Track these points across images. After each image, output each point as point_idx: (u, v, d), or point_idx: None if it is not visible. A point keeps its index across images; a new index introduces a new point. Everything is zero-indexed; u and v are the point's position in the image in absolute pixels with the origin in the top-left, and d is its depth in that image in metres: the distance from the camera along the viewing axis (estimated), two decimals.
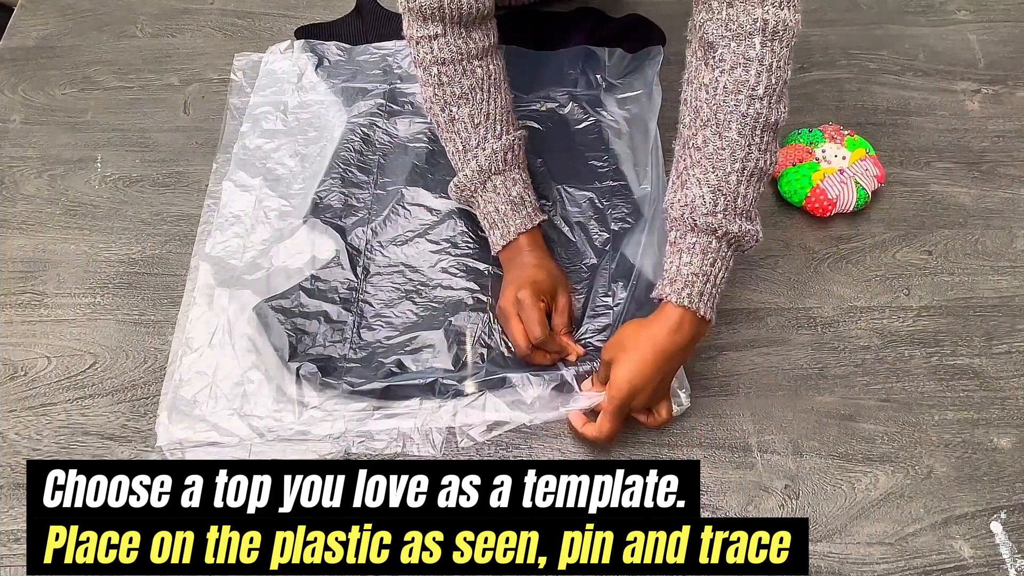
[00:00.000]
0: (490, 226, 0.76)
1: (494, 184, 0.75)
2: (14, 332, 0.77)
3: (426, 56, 0.74)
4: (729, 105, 0.64)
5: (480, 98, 0.75)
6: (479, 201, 0.77)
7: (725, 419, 0.72)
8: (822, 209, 0.84)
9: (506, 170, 0.76)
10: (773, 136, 0.66)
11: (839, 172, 0.84)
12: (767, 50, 0.64)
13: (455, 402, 0.72)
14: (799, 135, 0.89)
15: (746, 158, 0.64)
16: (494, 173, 0.75)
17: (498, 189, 0.75)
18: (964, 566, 0.66)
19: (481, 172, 0.75)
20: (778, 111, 0.65)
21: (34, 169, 0.89)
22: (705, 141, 0.66)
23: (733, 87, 0.64)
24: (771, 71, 0.64)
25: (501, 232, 0.76)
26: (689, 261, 0.65)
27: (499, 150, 0.75)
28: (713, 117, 0.65)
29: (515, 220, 0.75)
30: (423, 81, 0.76)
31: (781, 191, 0.86)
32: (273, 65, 0.98)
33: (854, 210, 0.85)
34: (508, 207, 0.75)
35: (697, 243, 0.66)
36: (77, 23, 1.04)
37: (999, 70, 1.00)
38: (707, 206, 0.65)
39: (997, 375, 0.76)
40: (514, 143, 0.77)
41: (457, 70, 0.74)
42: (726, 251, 0.66)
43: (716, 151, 0.65)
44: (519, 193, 0.76)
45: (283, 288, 0.78)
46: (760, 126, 0.64)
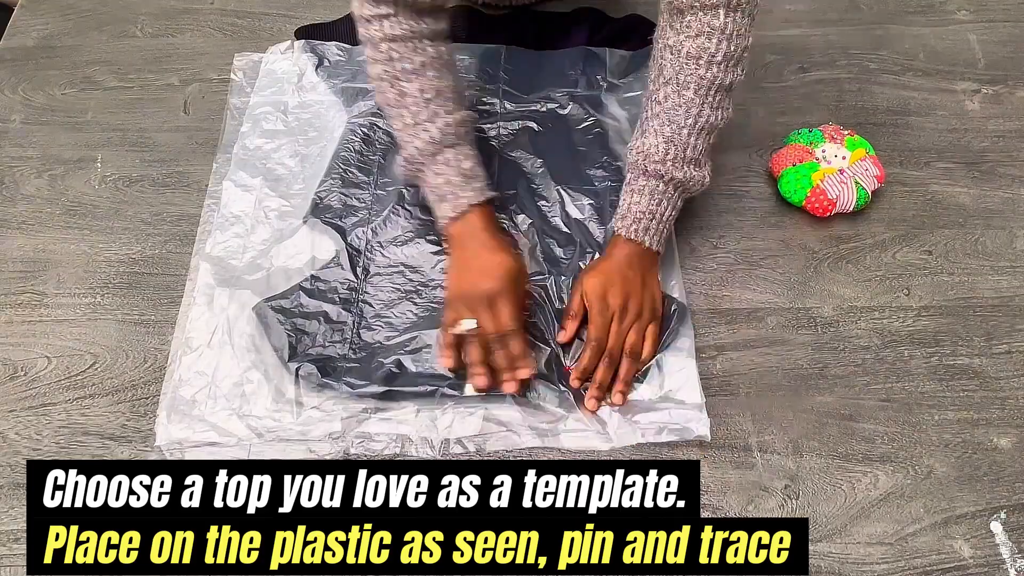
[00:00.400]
0: (439, 199, 0.75)
1: (446, 157, 0.75)
2: (14, 332, 0.77)
3: (376, 34, 0.74)
4: (689, 68, 0.72)
5: (431, 75, 0.75)
6: (427, 174, 0.75)
7: (725, 419, 0.72)
8: (822, 209, 0.84)
9: (458, 144, 0.76)
10: (727, 94, 0.74)
11: (839, 172, 0.84)
12: (730, 20, 0.70)
13: (453, 413, 0.71)
14: (799, 135, 0.89)
15: (699, 115, 0.73)
16: (446, 146, 0.75)
17: (450, 162, 0.75)
18: (964, 566, 0.66)
19: (432, 143, 0.74)
20: (734, 74, 0.73)
21: (34, 169, 0.89)
22: (666, 97, 0.73)
23: (695, 52, 0.71)
24: (731, 39, 0.71)
25: (451, 204, 0.74)
26: (639, 201, 0.75)
27: (452, 124, 0.75)
28: (675, 77, 0.73)
29: (467, 191, 0.74)
30: (371, 59, 0.75)
31: (781, 191, 0.86)
32: (273, 65, 0.98)
33: (854, 210, 0.85)
34: (460, 179, 0.75)
35: (647, 186, 0.75)
36: (77, 23, 1.04)
37: (999, 70, 1.00)
38: (659, 154, 0.73)
39: (997, 375, 0.76)
40: (466, 119, 0.77)
41: (408, 47, 0.74)
42: (672, 193, 0.75)
43: (674, 107, 0.73)
44: (471, 167, 0.76)
45: (283, 288, 0.78)
46: (715, 88, 0.72)
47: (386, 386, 0.72)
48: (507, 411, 0.71)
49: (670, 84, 0.73)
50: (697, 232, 0.84)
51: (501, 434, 0.70)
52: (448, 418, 0.71)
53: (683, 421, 0.71)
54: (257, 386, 0.72)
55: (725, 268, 0.82)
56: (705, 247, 0.84)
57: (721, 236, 0.85)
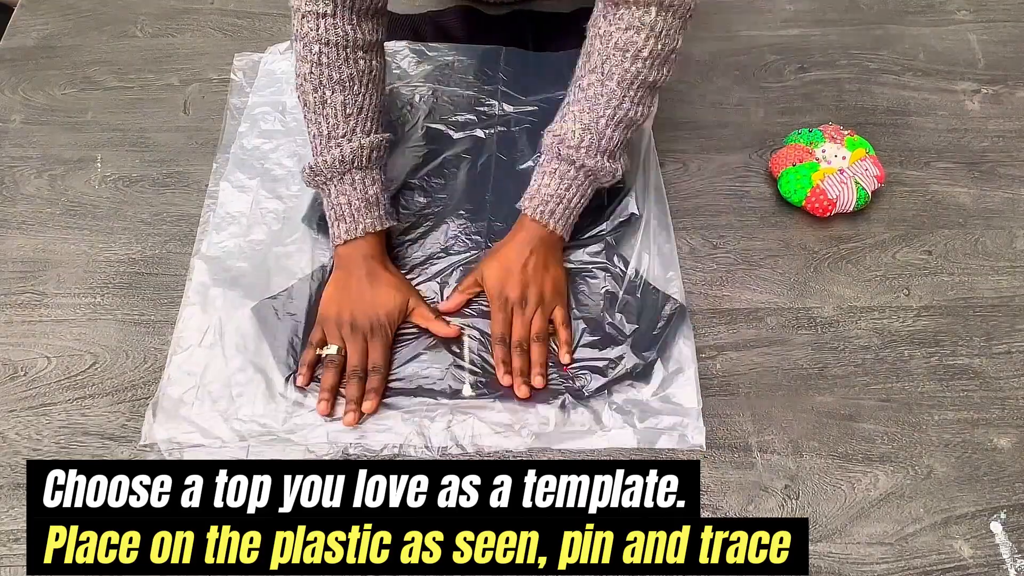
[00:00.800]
0: (336, 218, 0.75)
1: (352, 178, 0.75)
2: (14, 332, 0.77)
3: (310, 32, 0.73)
4: (615, 59, 0.72)
5: (357, 90, 0.75)
6: (331, 190, 0.75)
7: (725, 419, 0.72)
8: (822, 209, 0.84)
9: (368, 167, 0.76)
10: (649, 92, 0.74)
11: (839, 172, 0.84)
12: (660, 18, 0.70)
13: (449, 417, 0.71)
14: (799, 135, 0.89)
15: (619, 106, 0.73)
16: (355, 168, 0.75)
17: (356, 184, 0.75)
18: (964, 566, 0.66)
19: (342, 163, 0.74)
20: (659, 72, 0.73)
21: (34, 169, 0.89)
22: (589, 84, 0.74)
23: (623, 45, 0.71)
24: (659, 38, 0.71)
25: (347, 227, 0.75)
26: (548, 183, 0.75)
27: (366, 147, 0.75)
28: (600, 66, 0.73)
29: (366, 219, 0.75)
30: (301, 56, 0.74)
31: (781, 191, 0.86)
32: (272, 65, 0.98)
33: (854, 210, 0.85)
34: (362, 204, 0.75)
35: (558, 169, 0.75)
36: (77, 23, 1.04)
37: (999, 70, 1.00)
38: (575, 140, 0.74)
39: (997, 375, 0.76)
40: (382, 143, 0.77)
41: (340, 55, 0.74)
42: (583, 180, 0.76)
43: (595, 95, 0.74)
44: (375, 193, 0.76)
45: (279, 289, 0.78)
46: (638, 83, 0.73)
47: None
48: (500, 415, 0.71)
49: (595, 72, 0.73)
50: (697, 232, 0.84)
51: (496, 436, 0.70)
52: (443, 422, 0.71)
53: (680, 428, 0.71)
54: (247, 387, 0.72)
55: (725, 268, 0.82)
56: (705, 247, 0.84)
57: (721, 236, 0.85)
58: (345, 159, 0.74)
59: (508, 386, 0.72)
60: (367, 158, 0.75)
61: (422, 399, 0.72)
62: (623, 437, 0.70)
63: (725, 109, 0.95)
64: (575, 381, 0.73)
